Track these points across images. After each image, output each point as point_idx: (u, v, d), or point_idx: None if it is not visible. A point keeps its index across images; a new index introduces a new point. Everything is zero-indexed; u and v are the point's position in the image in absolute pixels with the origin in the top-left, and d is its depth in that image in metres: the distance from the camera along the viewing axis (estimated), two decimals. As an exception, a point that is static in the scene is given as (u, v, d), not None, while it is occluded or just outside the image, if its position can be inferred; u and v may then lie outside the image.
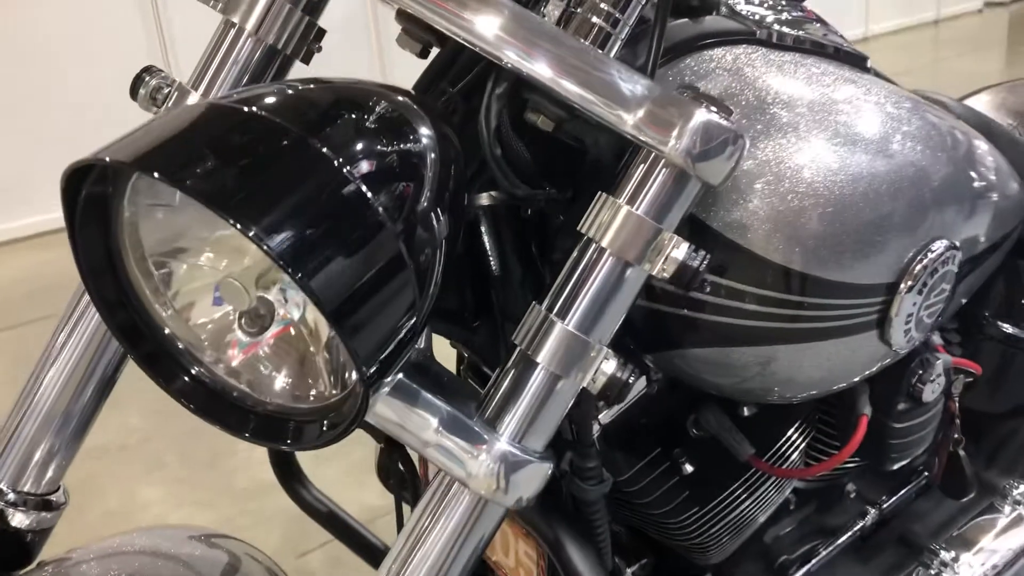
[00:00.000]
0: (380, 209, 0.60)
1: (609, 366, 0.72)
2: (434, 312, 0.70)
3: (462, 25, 0.72)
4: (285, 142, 0.59)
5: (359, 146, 0.63)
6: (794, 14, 0.96)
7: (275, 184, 0.58)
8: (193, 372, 0.72)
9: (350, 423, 0.66)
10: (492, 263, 0.88)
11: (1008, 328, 1.23)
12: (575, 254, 0.73)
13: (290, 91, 0.65)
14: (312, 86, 0.66)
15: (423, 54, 0.80)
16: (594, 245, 0.72)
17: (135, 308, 0.71)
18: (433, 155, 0.66)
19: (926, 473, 1.30)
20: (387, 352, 0.64)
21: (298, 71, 0.79)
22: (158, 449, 2.36)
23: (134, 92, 0.78)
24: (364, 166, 0.61)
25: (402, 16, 0.78)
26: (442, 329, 0.94)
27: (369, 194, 0.60)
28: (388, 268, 0.62)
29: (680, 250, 0.71)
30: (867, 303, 0.85)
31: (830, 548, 1.21)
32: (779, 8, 0.96)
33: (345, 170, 0.60)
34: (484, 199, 0.85)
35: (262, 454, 1.18)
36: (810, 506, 1.23)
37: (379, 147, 0.64)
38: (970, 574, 1.25)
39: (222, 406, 0.71)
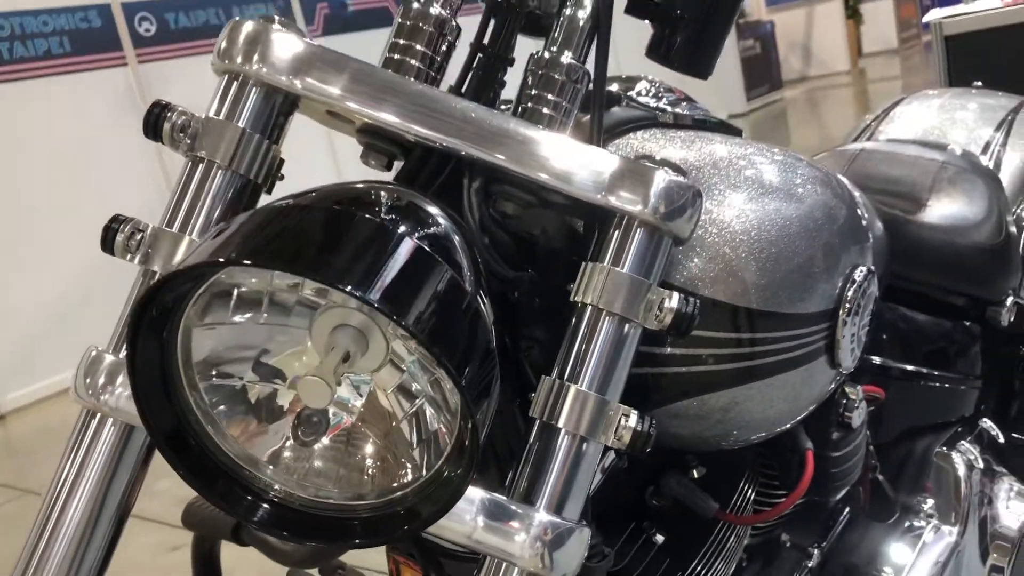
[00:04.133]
0: (456, 276, 0.66)
1: (631, 420, 0.76)
2: None
3: (432, 130, 0.77)
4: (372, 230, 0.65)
5: (429, 230, 0.68)
6: (670, 97, 1.08)
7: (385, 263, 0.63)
8: (270, 497, 0.70)
9: (466, 473, 0.66)
10: None
11: (888, 362, 1.37)
12: (573, 321, 0.78)
13: (330, 191, 0.68)
14: (341, 187, 0.69)
15: (388, 167, 0.84)
16: (591, 308, 0.77)
17: (195, 443, 0.68)
18: (460, 240, 0.71)
19: (847, 509, 1.39)
20: (488, 398, 0.67)
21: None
22: None
23: (109, 244, 0.76)
24: (442, 249, 0.67)
25: (365, 133, 0.82)
26: None
27: (446, 264, 0.66)
28: (484, 337, 0.67)
29: (673, 300, 0.76)
30: (815, 330, 0.94)
31: None
32: (660, 95, 1.08)
33: (428, 250, 0.66)
34: None
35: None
36: (758, 562, 1.28)
37: (439, 231, 0.69)
38: None
39: (315, 523, 0.70)
